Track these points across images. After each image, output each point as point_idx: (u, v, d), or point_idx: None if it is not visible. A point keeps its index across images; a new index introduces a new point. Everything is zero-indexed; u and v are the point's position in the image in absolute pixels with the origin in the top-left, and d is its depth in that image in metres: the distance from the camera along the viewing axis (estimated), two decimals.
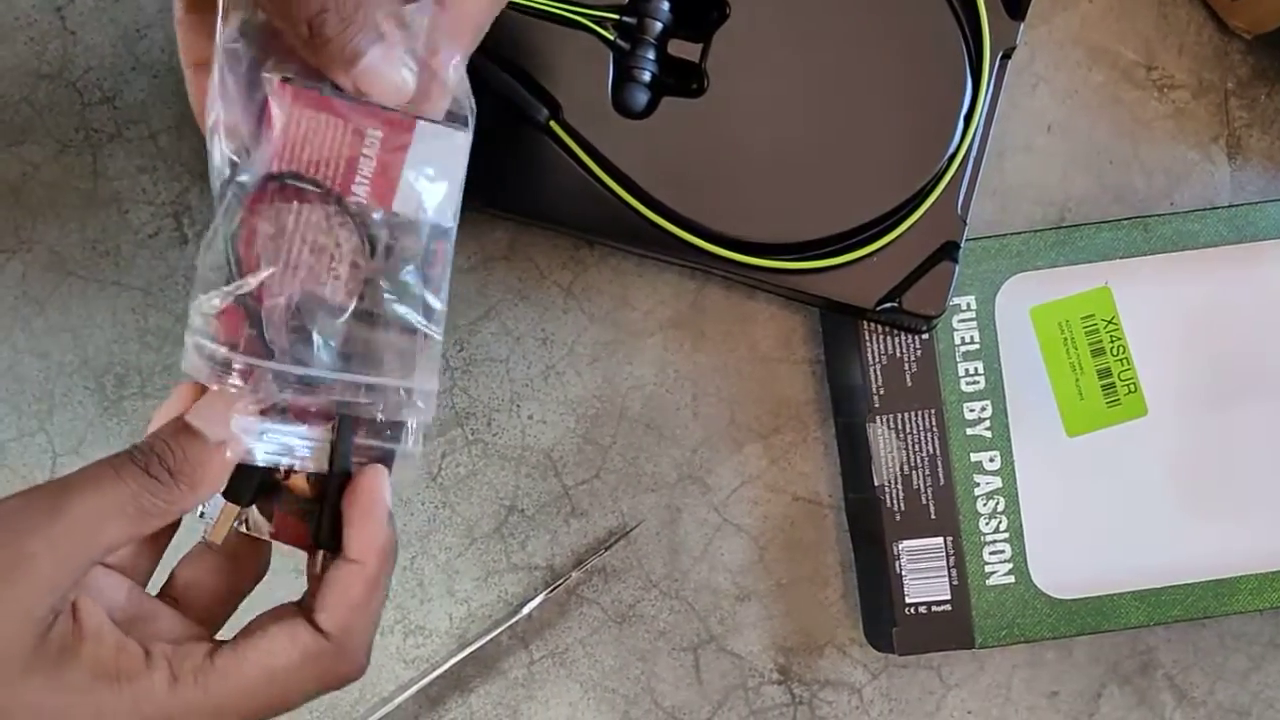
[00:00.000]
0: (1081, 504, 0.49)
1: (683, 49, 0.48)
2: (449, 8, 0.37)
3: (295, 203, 0.35)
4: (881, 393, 0.49)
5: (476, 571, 0.52)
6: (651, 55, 0.47)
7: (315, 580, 0.36)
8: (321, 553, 0.36)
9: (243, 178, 0.35)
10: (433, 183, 0.36)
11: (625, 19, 0.47)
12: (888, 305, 0.47)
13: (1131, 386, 0.49)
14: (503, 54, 0.47)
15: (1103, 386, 0.49)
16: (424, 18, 0.36)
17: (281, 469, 0.36)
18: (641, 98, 0.47)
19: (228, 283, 0.35)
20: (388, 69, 0.36)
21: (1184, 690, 0.52)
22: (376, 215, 0.35)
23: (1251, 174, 0.54)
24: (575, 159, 0.47)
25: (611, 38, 0.47)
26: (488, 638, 0.50)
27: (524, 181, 0.47)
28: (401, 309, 0.36)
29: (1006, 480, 0.49)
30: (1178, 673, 0.52)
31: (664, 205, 0.47)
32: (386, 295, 0.36)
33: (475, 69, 0.46)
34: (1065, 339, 0.49)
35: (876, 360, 0.49)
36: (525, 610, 0.50)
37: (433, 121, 0.36)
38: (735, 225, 0.47)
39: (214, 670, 0.33)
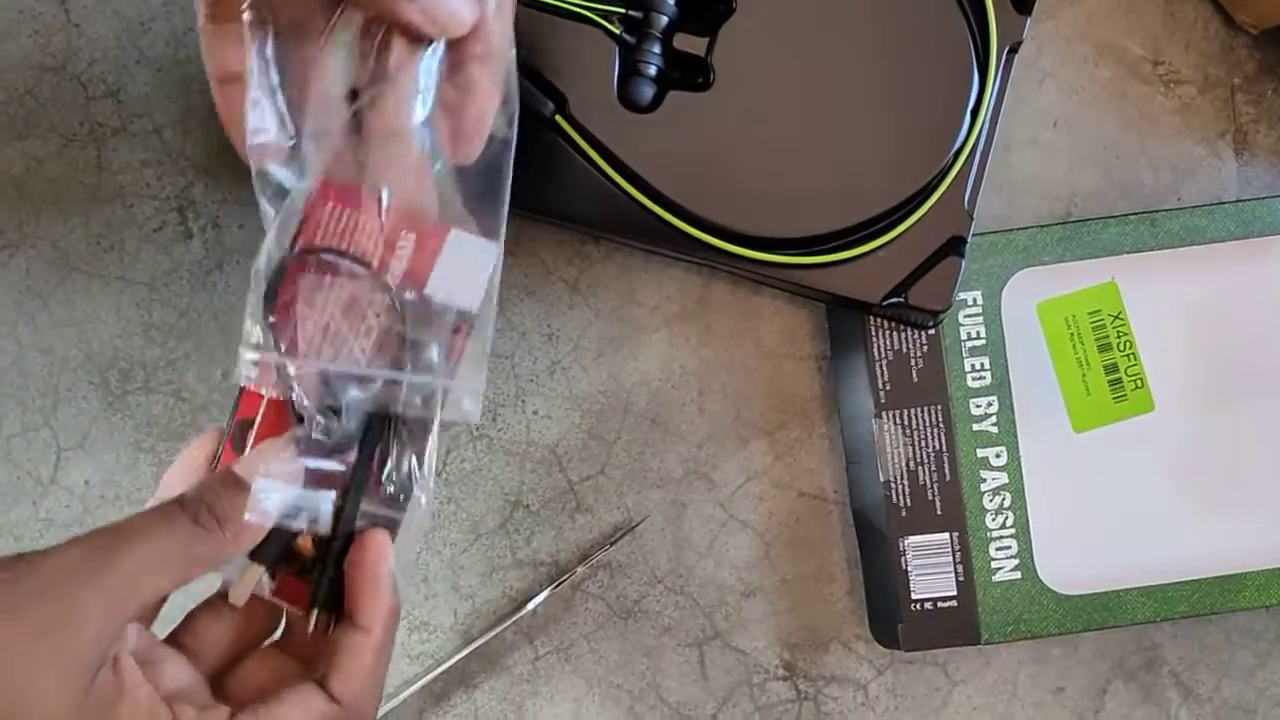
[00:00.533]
0: (1088, 500, 0.49)
1: (689, 43, 0.48)
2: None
3: (330, 275, 0.36)
4: (887, 388, 0.49)
5: (481, 567, 0.52)
6: (657, 49, 0.47)
7: (320, 640, 0.36)
8: (318, 612, 0.36)
9: (296, 186, 0.36)
10: (461, 281, 0.37)
11: (631, 13, 0.47)
12: (894, 300, 0.47)
13: (1138, 382, 0.49)
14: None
15: (1109, 382, 0.49)
16: None
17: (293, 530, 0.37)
18: (647, 92, 0.47)
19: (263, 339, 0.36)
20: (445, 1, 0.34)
21: (1190, 687, 0.52)
22: (408, 295, 0.36)
23: (1258, 169, 0.54)
24: (581, 153, 0.47)
25: (617, 32, 0.47)
26: (492, 633, 0.50)
27: (529, 176, 0.47)
28: (421, 381, 0.37)
29: (1013, 476, 0.49)
30: (1183, 669, 0.52)
31: (670, 200, 0.47)
32: (410, 370, 0.37)
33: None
34: (1072, 334, 0.49)
35: (882, 356, 0.49)
36: (530, 606, 0.50)
37: (465, 231, 0.37)
38: (741, 220, 0.47)
39: None
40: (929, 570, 0.49)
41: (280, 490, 0.35)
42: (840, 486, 0.52)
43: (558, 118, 0.47)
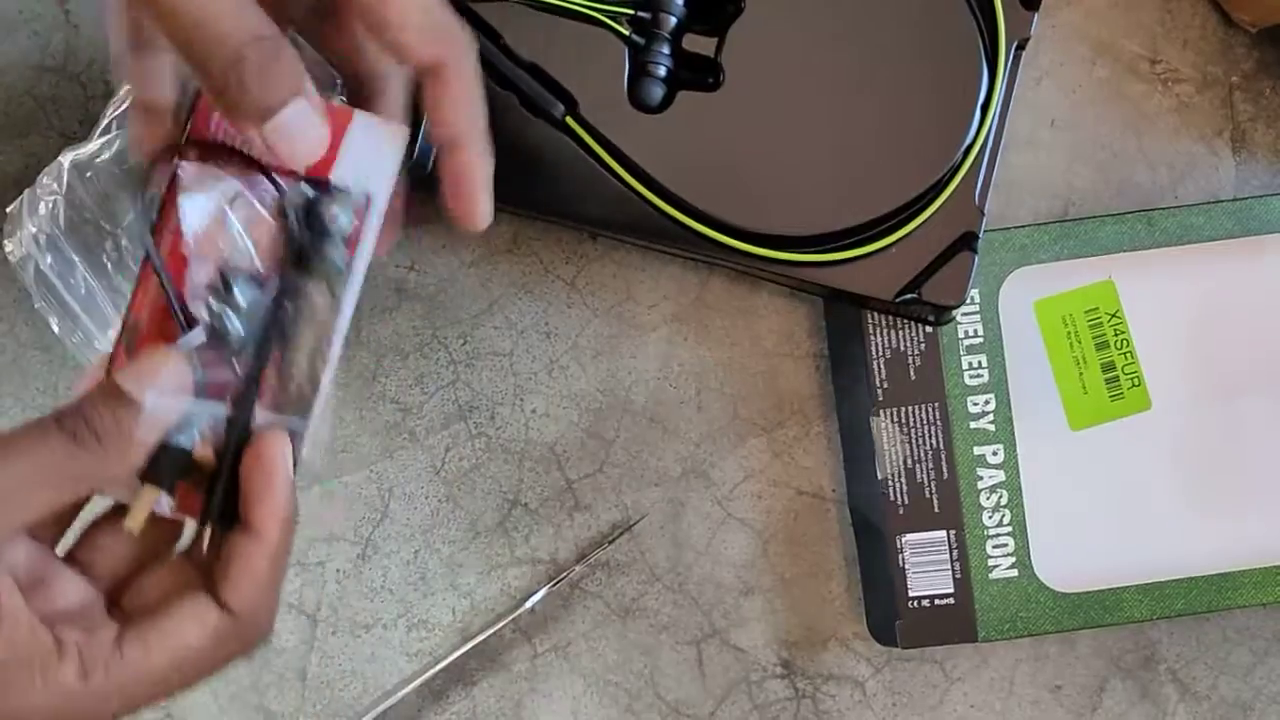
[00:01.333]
0: (1085, 498, 0.49)
1: (698, 43, 0.48)
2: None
3: (221, 168, 0.35)
4: (885, 386, 0.49)
5: (479, 565, 0.52)
6: (667, 50, 0.47)
7: (214, 550, 0.35)
8: (211, 524, 0.35)
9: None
10: (367, 168, 0.36)
11: (640, 14, 0.47)
12: (907, 297, 0.47)
13: (1135, 380, 0.49)
14: (518, 50, 0.47)
15: (1106, 380, 0.49)
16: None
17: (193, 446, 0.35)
18: (658, 92, 0.47)
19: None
20: (303, 127, 0.34)
21: (1187, 684, 0.52)
22: (305, 188, 0.36)
23: (1256, 168, 0.54)
24: (592, 155, 0.47)
25: (627, 33, 0.47)
26: (490, 631, 0.50)
27: (541, 178, 0.47)
28: (319, 285, 0.36)
29: (1010, 474, 0.49)
30: (1181, 667, 0.52)
31: (682, 200, 0.47)
32: (307, 270, 0.36)
33: (493, 65, 0.47)
34: (1069, 332, 0.49)
35: (880, 354, 0.49)
36: (528, 604, 0.51)
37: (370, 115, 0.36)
38: (753, 219, 0.47)
39: (123, 662, 0.32)
40: (926, 568, 0.49)
41: (166, 402, 0.33)
42: (838, 484, 0.52)
43: (568, 119, 0.47)
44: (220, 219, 0.36)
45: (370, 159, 0.36)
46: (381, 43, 0.36)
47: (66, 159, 0.47)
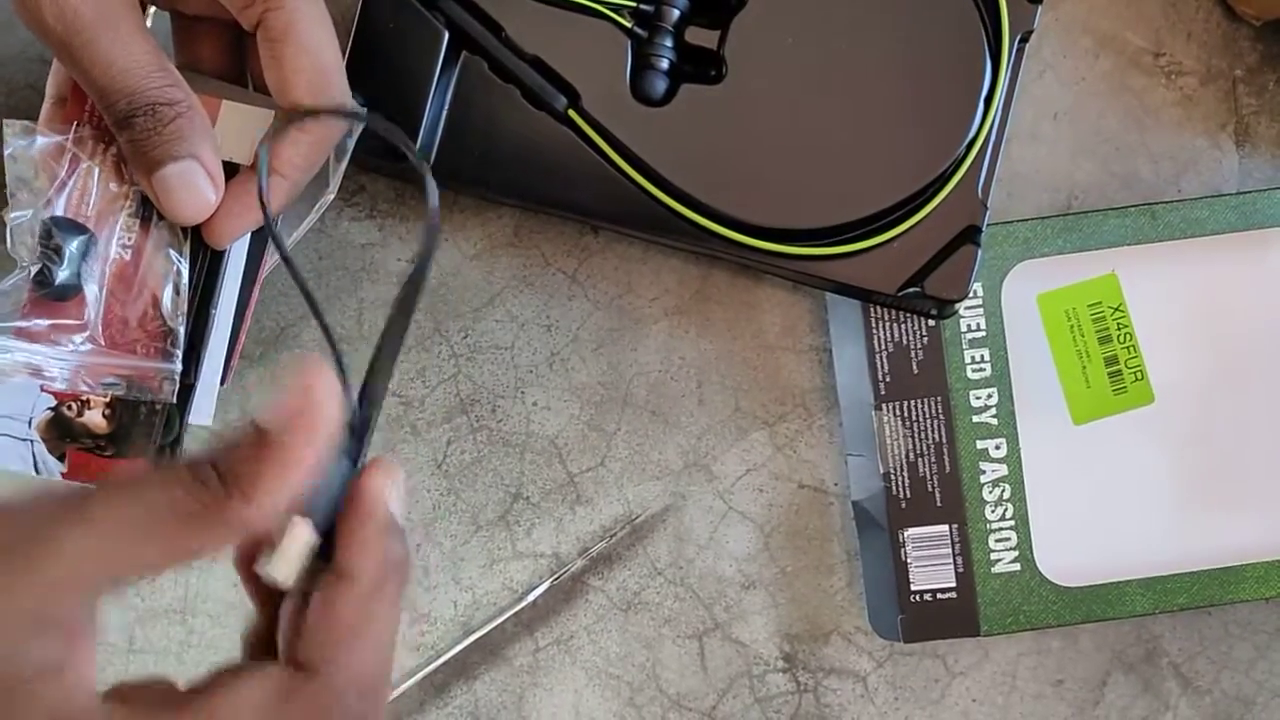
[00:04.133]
0: (1087, 492, 0.49)
1: (700, 36, 0.48)
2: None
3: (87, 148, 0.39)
4: (887, 380, 0.49)
5: (481, 559, 0.52)
6: (669, 43, 0.47)
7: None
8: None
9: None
10: (239, 143, 0.41)
11: (643, 7, 0.47)
12: (910, 290, 0.47)
13: (1138, 374, 0.49)
14: (520, 43, 0.47)
15: (1109, 374, 0.49)
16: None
17: (74, 405, 0.36)
18: (660, 85, 0.47)
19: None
20: (185, 187, 0.38)
21: (1189, 678, 0.52)
22: None
23: (1259, 161, 0.54)
24: (594, 148, 0.47)
25: (629, 26, 0.47)
26: (492, 625, 0.50)
27: (543, 171, 0.47)
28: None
29: (1012, 468, 0.49)
30: (1183, 661, 0.52)
31: (685, 193, 0.47)
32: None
33: (495, 58, 0.47)
34: (1072, 326, 0.49)
35: (883, 348, 0.49)
36: (530, 597, 0.50)
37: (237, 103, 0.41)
38: (757, 212, 0.47)
39: None
40: (928, 562, 0.49)
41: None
42: (840, 478, 0.52)
43: (571, 112, 0.47)
44: (46, 170, 0.39)
45: (241, 135, 0.41)
46: (271, 74, 0.40)
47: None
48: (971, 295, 0.49)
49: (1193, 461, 0.50)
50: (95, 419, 0.37)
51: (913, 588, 0.49)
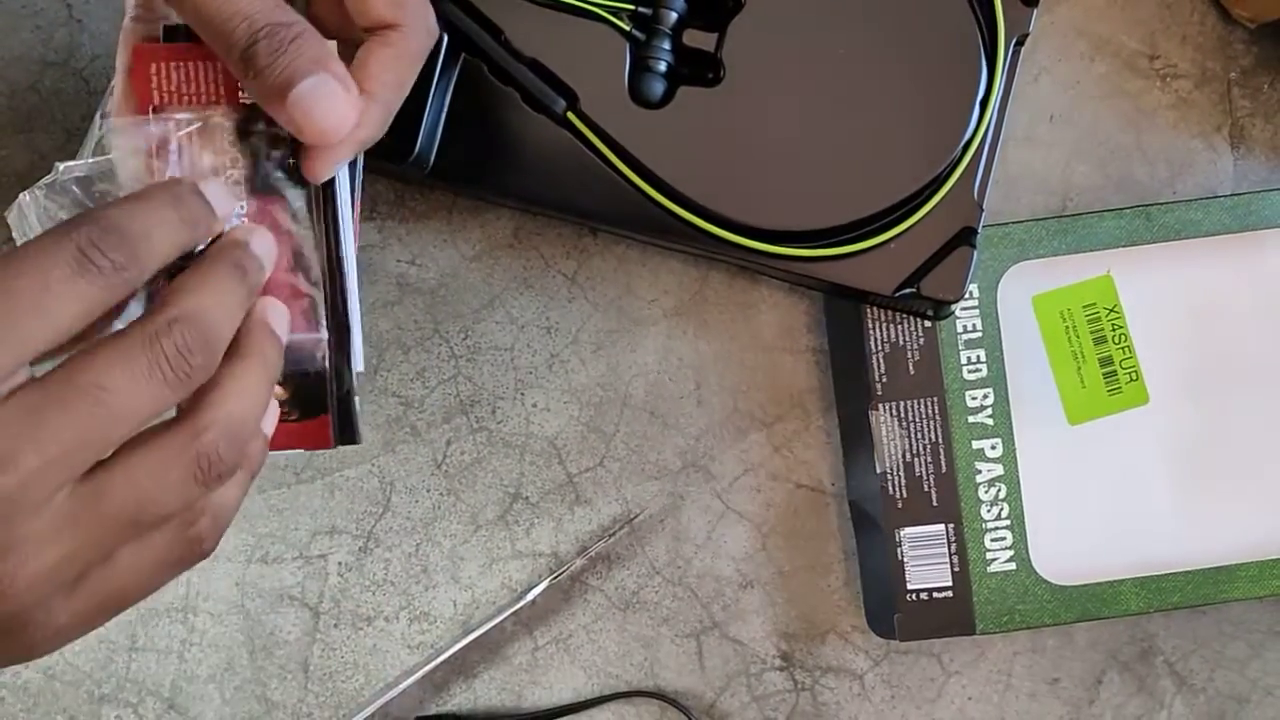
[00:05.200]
0: (1082, 491, 0.50)
1: (698, 39, 0.48)
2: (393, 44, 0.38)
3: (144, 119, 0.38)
4: (884, 381, 0.50)
5: (481, 558, 0.52)
6: (667, 45, 0.48)
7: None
8: None
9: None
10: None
11: (640, 10, 0.48)
12: (906, 291, 0.47)
13: (1133, 375, 0.49)
14: (520, 45, 0.47)
15: (1104, 374, 0.49)
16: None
17: None
18: (658, 88, 0.48)
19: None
20: (323, 100, 0.36)
21: (1184, 677, 0.53)
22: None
23: (1254, 163, 0.54)
24: (593, 150, 0.47)
25: (627, 28, 0.47)
26: (492, 623, 0.51)
27: (542, 173, 0.48)
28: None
29: (1008, 468, 0.49)
30: (1178, 659, 0.53)
31: (683, 195, 0.47)
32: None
33: (494, 61, 0.47)
34: (1067, 327, 0.49)
35: (879, 348, 0.50)
36: (529, 596, 0.51)
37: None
38: (754, 213, 0.47)
39: None
40: (925, 561, 0.49)
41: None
42: (837, 478, 0.53)
43: (569, 114, 0.47)
44: (150, 159, 0.38)
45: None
46: None
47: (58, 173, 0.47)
48: (967, 296, 0.50)
49: (1187, 461, 0.50)
50: (274, 391, 0.37)
51: (909, 587, 0.49)
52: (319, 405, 0.38)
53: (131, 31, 0.39)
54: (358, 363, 0.40)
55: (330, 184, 0.39)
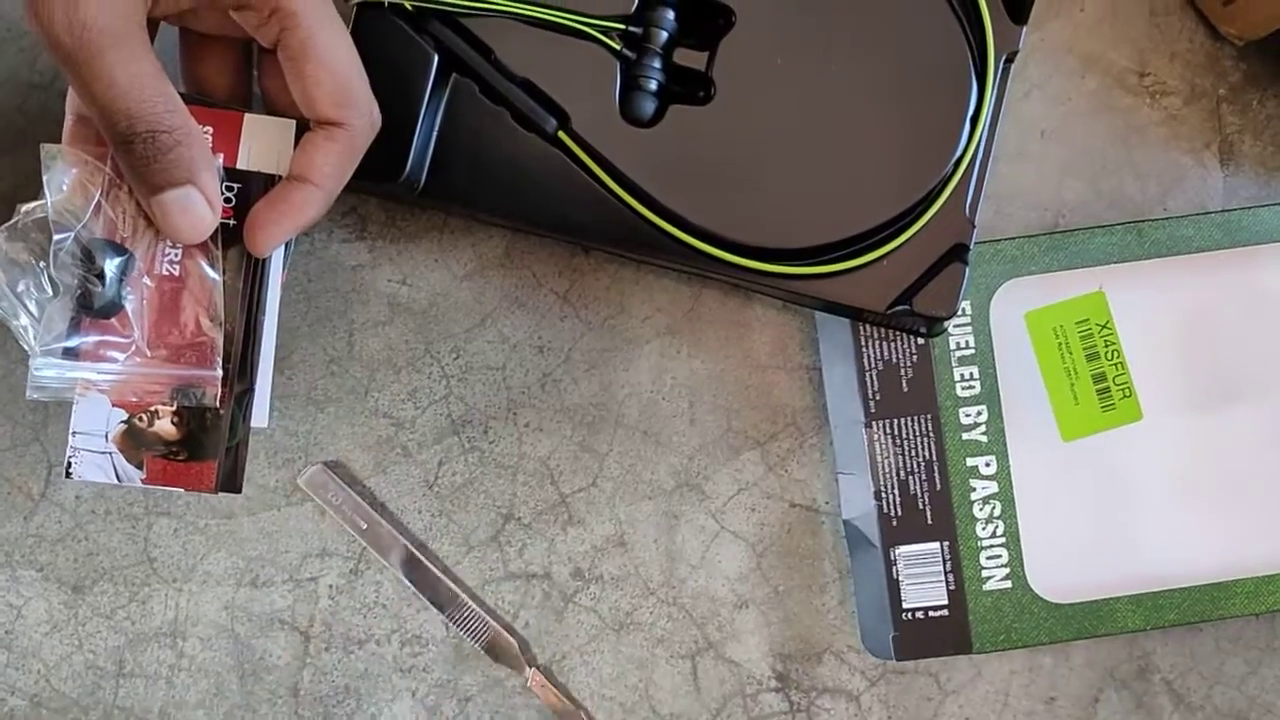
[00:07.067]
0: (1077, 508, 0.50)
1: (689, 58, 0.48)
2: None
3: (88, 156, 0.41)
4: (878, 398, 0.49)
5: (473, 579, 0.52)
6: (658, 64, 0.48)
7: None
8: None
9: None
10: (266, 153, 0.42)
11: (631, 29, 0.48)
12: (899, 309, 0.47)
13: (1126, 391, 0.49)
14: (510, 65, 0.47)
15: (1097, 391, 0.49)
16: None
17: (145, 416, 0.40)
18: (649, 106, 0.48)
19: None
20: (184, 212, 0.39)
21: (1181, 694, 0.52)
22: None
23: (1244, 179, 0.54)
24: (585, 169, 0.47)
25: (618, 48, 0.47)
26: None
27: (533, 192, 0.48)
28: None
29: (1003, 485, 0.49)
30: (1175, 677, 0.52)
31: (675, 213, 0.47)
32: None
33: (485, 81, 0.47)
34: (1060, 343, 0.49)
35: (873, 366, 0.49)
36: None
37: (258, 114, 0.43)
38: (746, 232, 0.47)
39: None
40: (920, 579, 0.49)
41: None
42: (831, 497, 0.52)
43: (560, 134, 0.47)
44: (81, 192, 0.40)
45: (267, 146, 0.42)
46: (295, 89, 0.41)
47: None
48: (960, 313, 0.50)
49: (1182, 477, 0.50)
50: (166, 427, 0.40)
51: (904, 605, 0.49)
52: (209, 450, 0.41)
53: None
54: (259, 418, 0.43)
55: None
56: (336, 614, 0.51)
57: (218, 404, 0.41)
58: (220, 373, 0.41)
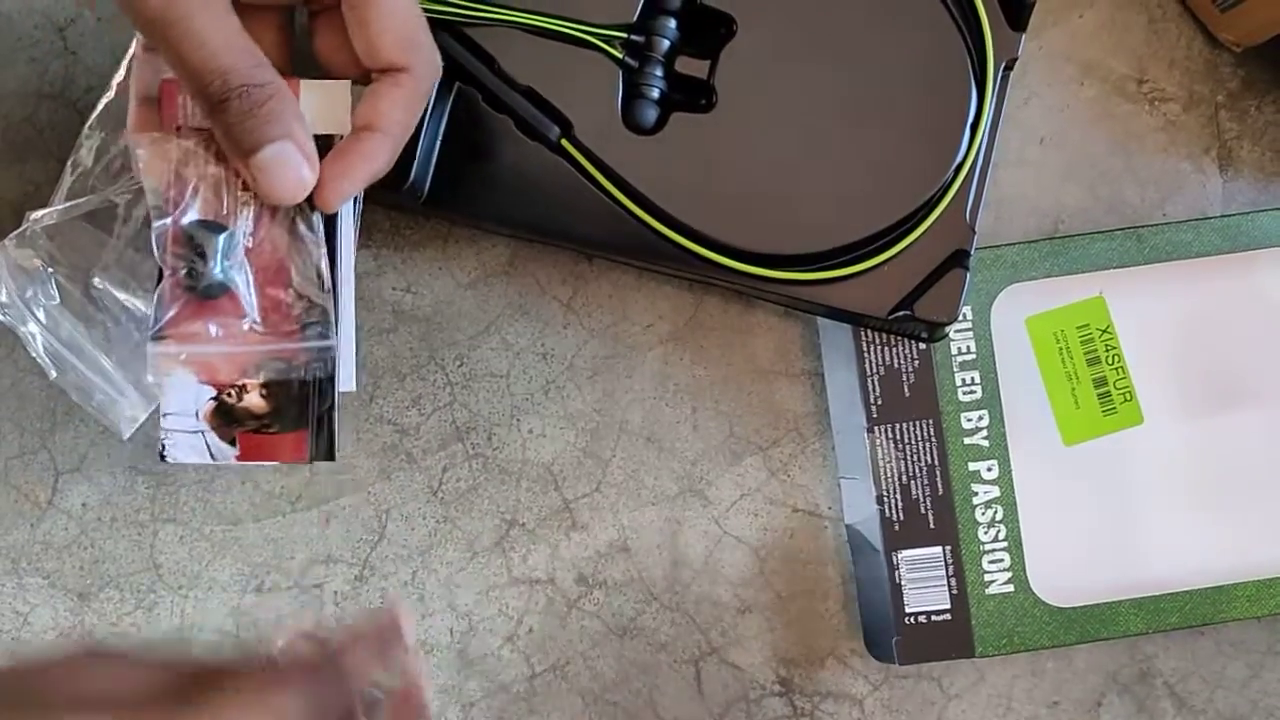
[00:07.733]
0: (1079, 512, 0.50)
1: (690, 66, 0.48)
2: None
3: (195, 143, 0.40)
4: (879, 403, 0.50)
5: (477, 585, 0.52)
6: (660, 73, 0.48)
7: None
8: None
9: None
10: (325, 115, 0.41)
11: (633, 37, 0.48)
12: (900, 314, 0.47)
13: (1127, 395, 0.49)
14: (513, 74, 0.48)
15: (1098, 395, 0.49)
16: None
17: (233, 392, 0.39)
18: (651, 114, 0.48)
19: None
20: (282, 168, 0.38)
21: (1183, 698, 0.52)
22: None
23: (1243, 185, 0.54)
24: (587, 176, 0.48)
25: (620, 56, 0.48)
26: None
27: (537, 200, 0.48)
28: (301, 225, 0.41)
29: (1004, 489, 0.50)
30: (1177, 680, 0.52)
31: (677, 220, 0.47)
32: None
33: (488, 89, 0.48)
34: (1061, 348, 0.49)
35: (874, 371, 0.50)
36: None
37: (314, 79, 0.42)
38: (747, 238, 0.47)
39: None
40: (923, 584, 0.49)
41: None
42: (834, 502, 0.53)
43: (563, 142, 0.48)
44: (172, 174, 0.40)
45: (325, 109, 0.41)
46: (359, 39, 0.40)
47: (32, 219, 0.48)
48: (961, 318, 0.50)
49: (1183, 481, 0.50)
50: (255, 401, 0.39)
51: (907, 610, 0.49)
52: (299, 419, 0.40)
53: (145, 62, 0.41)
54: (346, 383, 0.41)
55: (335, 213, 0.40)
56: (342, 620, 0.51)
57: (319, 377, 0.40)
58: (334, 342, 0.40)
